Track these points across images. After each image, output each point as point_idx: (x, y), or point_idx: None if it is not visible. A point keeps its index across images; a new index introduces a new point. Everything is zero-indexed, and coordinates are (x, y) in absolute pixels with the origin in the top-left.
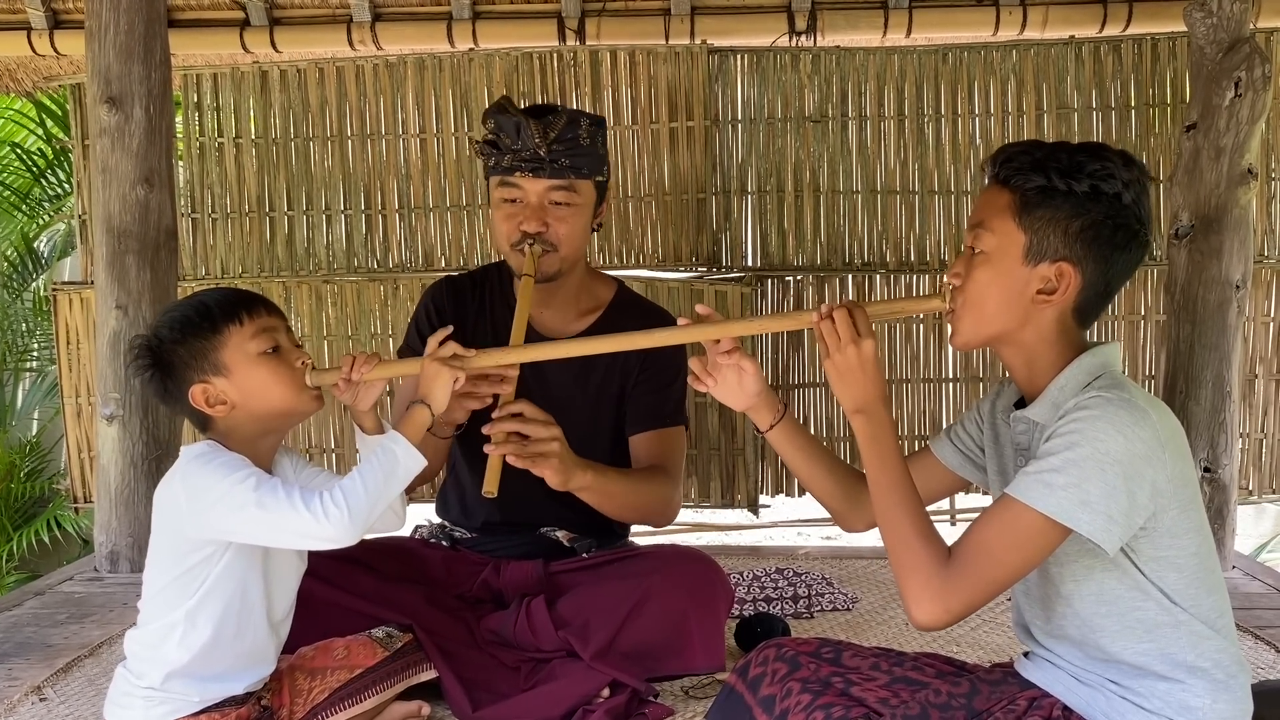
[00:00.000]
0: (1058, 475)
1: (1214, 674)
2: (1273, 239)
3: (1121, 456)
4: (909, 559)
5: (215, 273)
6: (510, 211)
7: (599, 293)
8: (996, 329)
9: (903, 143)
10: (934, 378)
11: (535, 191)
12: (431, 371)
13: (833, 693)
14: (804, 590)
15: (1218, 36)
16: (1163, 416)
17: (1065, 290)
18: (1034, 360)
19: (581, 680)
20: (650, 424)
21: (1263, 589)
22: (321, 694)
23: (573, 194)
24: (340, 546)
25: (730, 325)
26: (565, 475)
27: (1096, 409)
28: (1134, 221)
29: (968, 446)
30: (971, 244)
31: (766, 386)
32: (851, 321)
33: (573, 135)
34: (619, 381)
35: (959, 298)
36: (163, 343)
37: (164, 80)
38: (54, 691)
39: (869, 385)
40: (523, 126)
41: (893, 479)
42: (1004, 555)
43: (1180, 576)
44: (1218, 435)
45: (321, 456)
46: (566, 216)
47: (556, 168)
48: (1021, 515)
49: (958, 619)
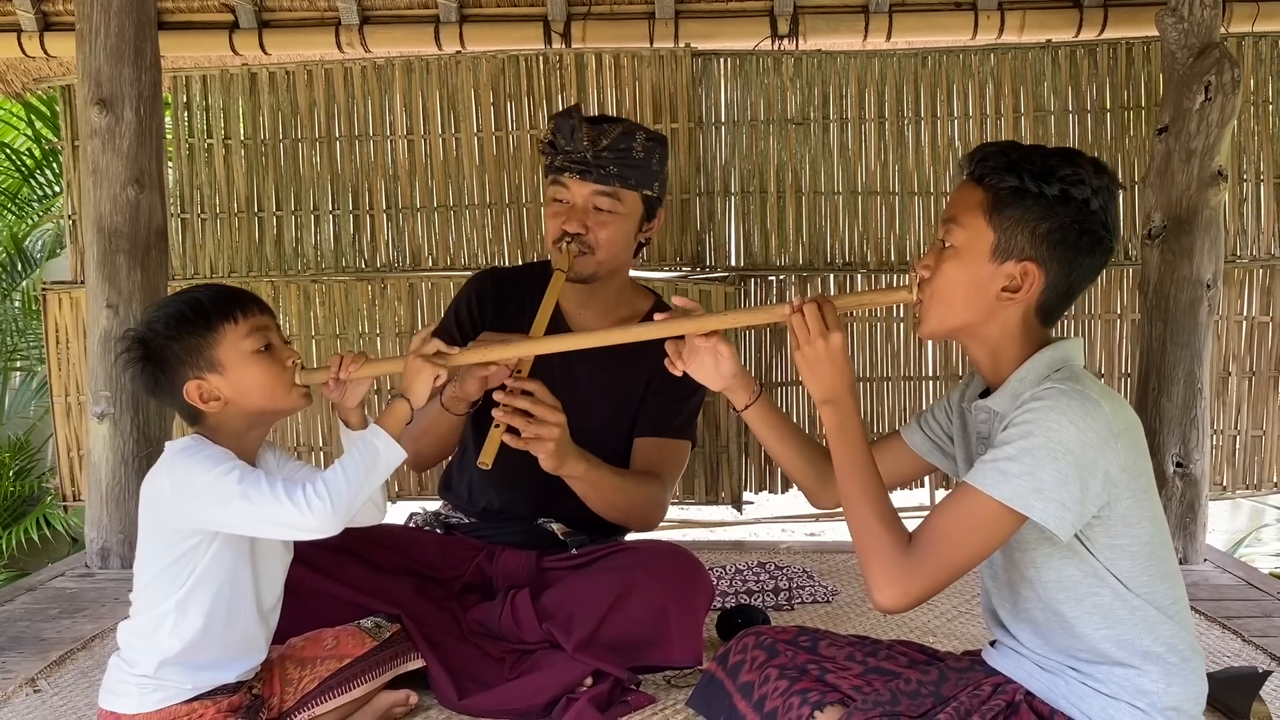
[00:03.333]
0: (1012, 463)
1: (1168, 658)
2: (1244, 239)
3: (1074, 446)
4: (871, 543)
5: (205, 272)
6: (556, 210)
7: (637, 303)
8: (961, 321)
9: (883, 144)
10: (915, 375)
11: (580, 194)
12: (414, 367)
13: (809, 678)
14: (785, 583)
15: (1189, 41)
16: (1116, 408)
17: (1029, 289)
18: (998, 354)
19: (565, 670)
20: (657, 431)
21: (1233, 581)
22: (311, 683)
23: (616, 202)
24: (323, 536)
25: (707, 319)
26: (559, 460)
27: (1051, 400)
28: (1100, 227)
29: (937, 434)
30: (942, 238)
31: (742, 369)
32: (820, 315)
33: (626, 146)
34: (642, 388)
35: (927, 289)
36: (156, 337)
37: (154, 82)
38: (47, 683)
39: (837, 376)
40: (576, 129)
41: (858, 466)
42: (962, 540)
43: (1134, 564)
44: (1190, 431)
45: (310, 455)
46: (607, 222)
47: (603, 173)
48: (978, 502)
49: (917, 602)
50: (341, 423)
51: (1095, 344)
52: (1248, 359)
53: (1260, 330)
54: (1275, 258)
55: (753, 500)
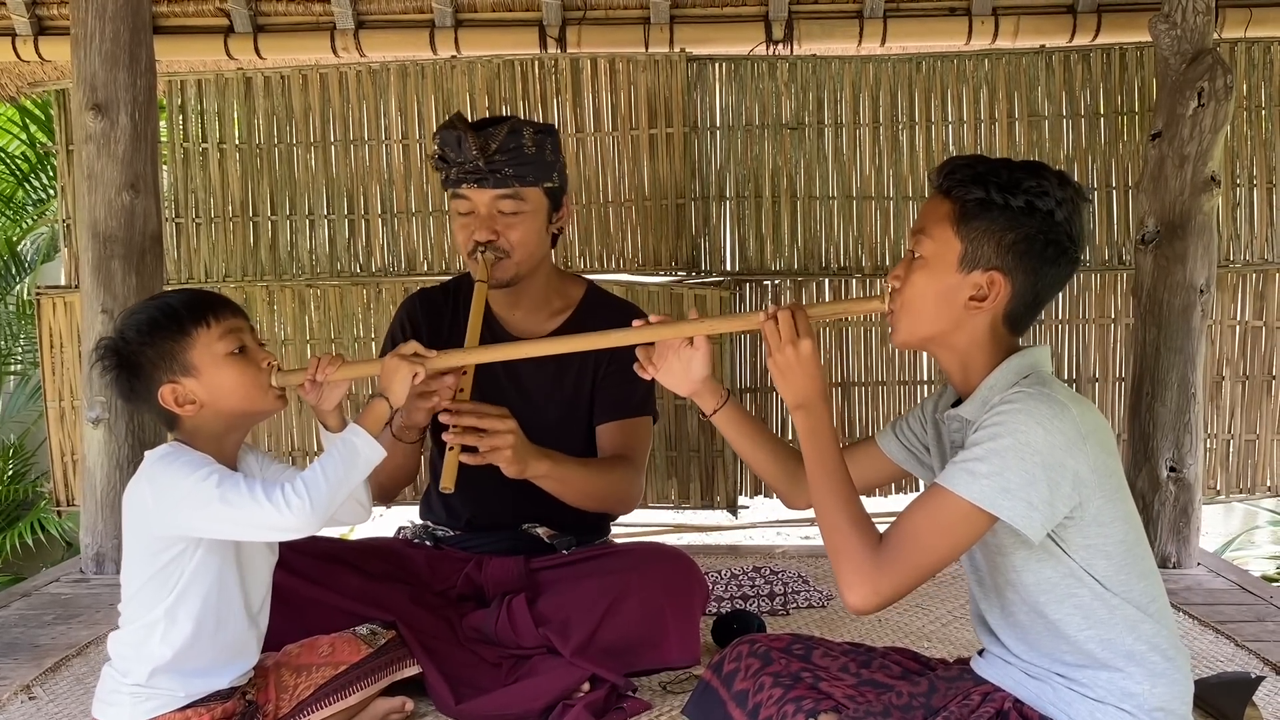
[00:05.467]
0: (980, 464)
1: (1151, 658)
2: (1237, 244)
3: (1041, 447)
4: (842, 544)
5: (199, 276)
6: (464, 222)
7: (569, 292)
8: (931, 330)
9: (877, 149)
10: (909, 380)
11: (482, 202)
12: (391, 366)
13: (803, 686)
14: (780, 588)
15: (1181, 48)
16: (1084, 411)
17: (995, 298)
18: (968, 363)
19: (561, 675)
20: (616, 414)
21: (1225, 584)
22: (307, 690)
23: (520, 202)
24: (303, 535)
25: (682, 325)
26: (521, 465)
27: (1019, 403)
28: (1065, 238)
29: (912, 443)
30: (912, 249)
31: (711, 374)
32: (793, 322)
33: (515, 145)
34: (590, 376)
35: (898, 299)
36: (129, 344)
37: (149, 87)
38: (43, 690)
39: (808, 382)
40: (463, 139)
41: (829, 470)
42: (931, 541)
43: (1110, 563)
44: (1183, 436)
45: (305, 459)
46: (516, 224)
47: (499, 177)
48: (947, 502)
49: (889, 601)
50: (321, 426)
51: (1089, 348)
52: (1241, 363)
53: (1253, 334)
54: (1268, 262)
55: (748, 504)
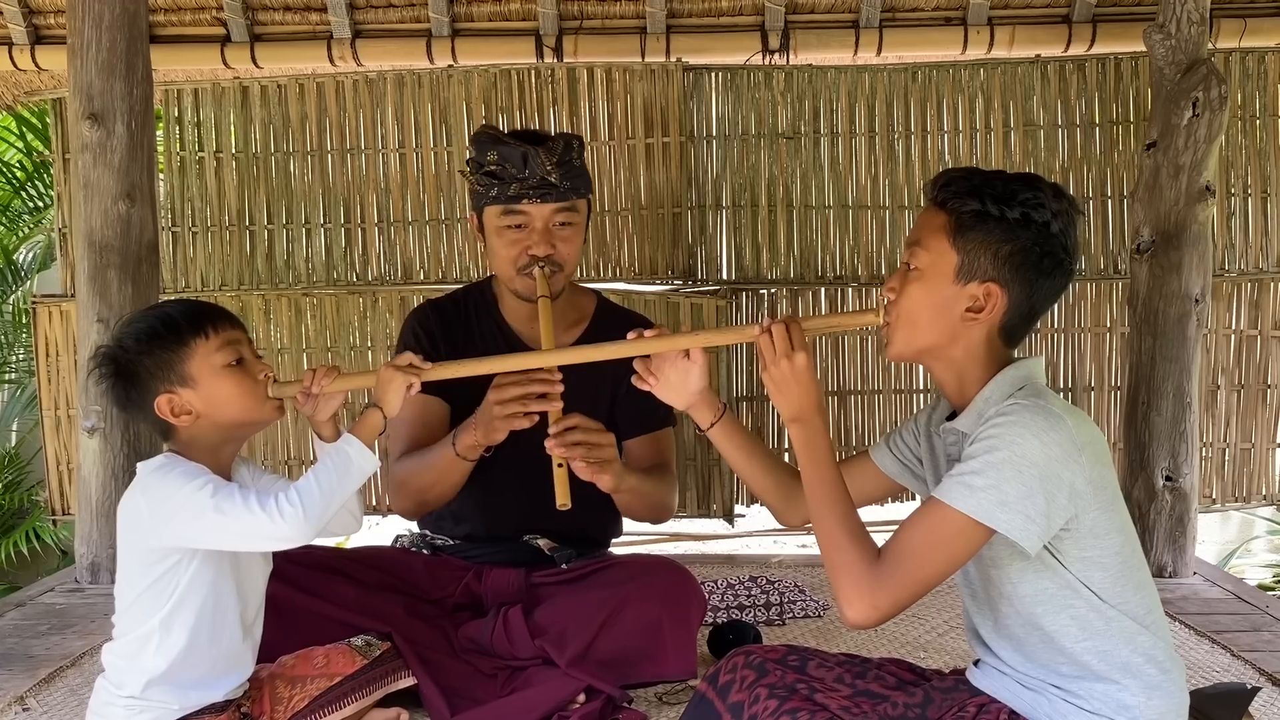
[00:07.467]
0: (977, 477)
1: (1147, 670)
2: (1232, 253)
3: (1038, 459)
4: (840, 559)
5: (195, 286)
6: (515, 238)
7: (582, 304)
8: (927, 343)
9: (873, 158)
10: (905, 389)
11: (543, 216)
12: (386, 376)
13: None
14: (776, 598)
15: (1176, 58)
16: (1079, 423)
17: (991, 310)
18: (963, 375)
19: (557, 686)
20: (646, 427)
21: (1222, 594)
22: (302, 701)
23: (575, 214)
24: (297, 545)
25: (678, 339)
26: (619, 479)
27: (1014, 415)
28: (1060, 250)
29: (906, 456)
30: (908, 260)
31: (708, 386)
32: (787, 336)
33: (569, 158)
34: (610, 393)
35: (894, 311)
36: (127, 353)
37: (145, 96)
38: (36, 701)
39: (803, 395)
40: (530, 155)
41: (826, 484)
42: (929, 554)
43: (1106, 575)
44: (1179, 445)
45: (301, 470)
46: (570, 236)
47: (560, 191)
48: (945, 516)
49: (887, 616)
50: (315, 437)
51: (1084, 358)
52: (1236, 372)
53: (1249, 343)
54: (1263, 271)
55: (744, 513)
